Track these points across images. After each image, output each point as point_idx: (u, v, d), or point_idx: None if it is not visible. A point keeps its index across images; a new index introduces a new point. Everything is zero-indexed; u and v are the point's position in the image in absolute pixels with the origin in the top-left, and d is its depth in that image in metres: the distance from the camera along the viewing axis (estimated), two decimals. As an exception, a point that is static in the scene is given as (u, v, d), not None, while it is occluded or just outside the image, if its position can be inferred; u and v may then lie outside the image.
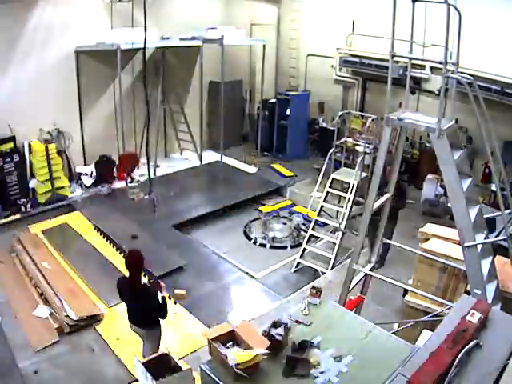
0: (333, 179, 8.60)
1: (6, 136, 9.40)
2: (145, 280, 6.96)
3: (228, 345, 3.42)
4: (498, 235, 5.38)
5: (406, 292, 5.92)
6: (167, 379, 4.02)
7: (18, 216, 9.49)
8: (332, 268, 8.04)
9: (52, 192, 9.98)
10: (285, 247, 9.48)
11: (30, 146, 9.90)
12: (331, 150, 8.83)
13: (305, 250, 8.57)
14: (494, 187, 9.23)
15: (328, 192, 8.57)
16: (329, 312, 4.04)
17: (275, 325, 3.59)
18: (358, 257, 5.19)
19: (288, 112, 13.10)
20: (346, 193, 8.30)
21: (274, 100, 13.68)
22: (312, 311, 3.98)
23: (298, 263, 8.56)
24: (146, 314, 5.11)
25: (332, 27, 13.01)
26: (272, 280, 8.31)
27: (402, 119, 4.44)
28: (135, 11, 9.47)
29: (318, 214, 8.59)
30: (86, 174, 10.75)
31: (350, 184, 8.24)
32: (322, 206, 8.62)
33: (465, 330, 3.10)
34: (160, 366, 4.15)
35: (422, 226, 6.27)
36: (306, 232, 8.85)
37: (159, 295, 5.02)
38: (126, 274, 5.07)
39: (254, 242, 9.62)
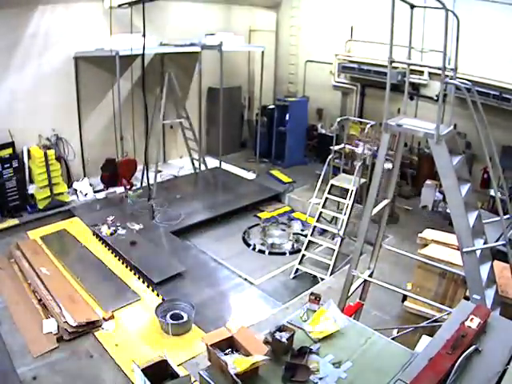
0: (331, 185, 8.60)
1: (5, 142, 9.40)
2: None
3: (227, 351, 3.40)
4: (496, 240, 5.38)
5: (404, 298, 5.89)
6: (166, 386, 4.00)
7: (16, 222, 9.47)
8: (331, 274, 8.02)
9: (51, 198, 9.96)
10: (284, 253, 9.46)
11: (29, 151, 9.89)
12: (330, 156, 8.84)
13: (304, 256, 8.55)
14: (492, 192, 9.24)
15: (327, 198, 8.57)
16: (328, 318, 4.01)
17: (280, 329, 3.58)
18: (356, 263, 5.17)
19: (287, 118, 13.12)
20: (345, 199, 8.31)
21: (272, 106, 13.73)
22: (311, 317, 3.97)
23: (297, 269, 8.54)
24: None
25: (330, 33, 13.10)
26: (271, 286, 8.29)
27: (401, 125, 4.44)
28: (134, 17, 9.49)
29: (317, 220, 8.57)
30: (81, 192, 10.71)
31: (348, 190, 8.25)
32: (321, 212, 8.61)
33: (464, 336, 3.09)
34: (158, 372, 4.13)
35: (421, 232, 6.26)
36: (305, 238, 8.84)
37: None
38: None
39: (253, 249, 9.60)
